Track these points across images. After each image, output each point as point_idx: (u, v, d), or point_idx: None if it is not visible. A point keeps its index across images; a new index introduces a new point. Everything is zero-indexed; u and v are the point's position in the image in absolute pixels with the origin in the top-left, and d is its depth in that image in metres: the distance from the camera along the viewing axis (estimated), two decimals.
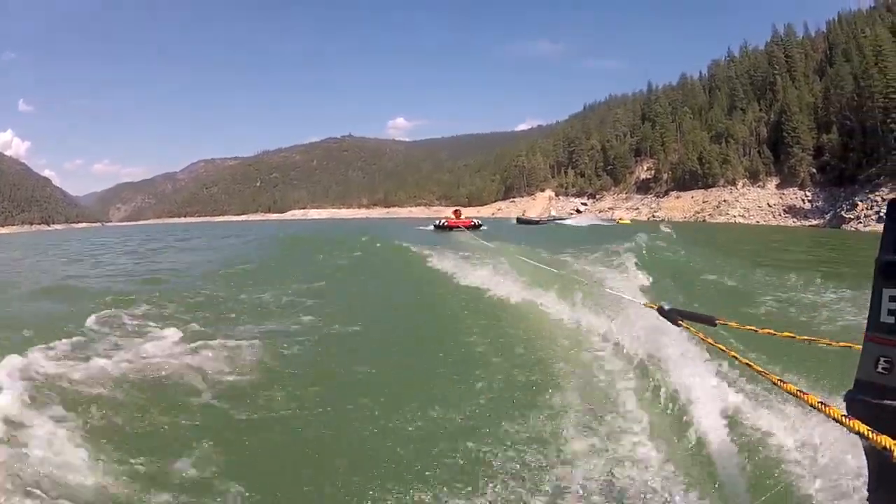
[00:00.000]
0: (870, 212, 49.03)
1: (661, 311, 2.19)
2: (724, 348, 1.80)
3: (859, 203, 51.49)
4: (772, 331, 1.97)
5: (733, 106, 79.20)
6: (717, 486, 2.87)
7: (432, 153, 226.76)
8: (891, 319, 1.01)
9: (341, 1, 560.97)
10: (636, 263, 10.20)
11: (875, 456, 1.00)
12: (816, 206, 59.38)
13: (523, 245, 14.97)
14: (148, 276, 12.58)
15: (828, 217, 55.43)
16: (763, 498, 2.63)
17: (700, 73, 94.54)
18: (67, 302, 8.29)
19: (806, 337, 2.02)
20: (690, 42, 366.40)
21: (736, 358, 1.69)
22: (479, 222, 32.38)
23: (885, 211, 1.00)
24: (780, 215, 62.67)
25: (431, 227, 31.32)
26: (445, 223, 30.66)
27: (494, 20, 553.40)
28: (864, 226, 47.91)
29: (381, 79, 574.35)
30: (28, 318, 6.98)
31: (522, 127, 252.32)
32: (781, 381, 1.36)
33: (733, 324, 2.06)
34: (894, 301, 1.01)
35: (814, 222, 56.85)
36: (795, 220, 60.03)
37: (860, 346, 1.09)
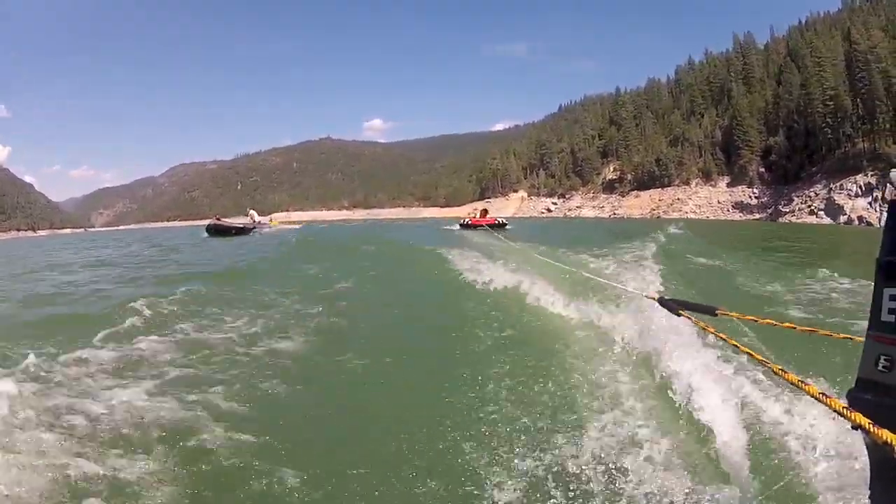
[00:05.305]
0: (803, 206, 54.09)
1: (661, 301, 2.21)
2: (725, 337, 1.75)
3: (795, 199, 56.41)
4: (772, 321, 1.97)
5: (692, 111, 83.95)
6: (719, 477, 2.86)
7: (410, 154, 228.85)
8: (891, 318, 1.01)
9: (316, 4, 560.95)
10: None
11: (876, 451, 1.00)
12: (762, 202, 64.15)
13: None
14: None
15: (769, 212, 60.07)
16: (766, 492, 2.63)
17: (668, 76, 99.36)
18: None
19: (806, 328, 2.01)
20: (675, 41, 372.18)
21: (737, 347, 1.65)
22: (505, 221, 34.33)
23: (818, 207, 2.03)
24: (728, 211, 67.33)
25: (457, 227, 33.34)
26: (469, 222, 33.02)
27: (470, 22, 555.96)
28: (798, 218, 52.93)
29: (356, 80, 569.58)
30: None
31: (499, 126, 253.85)
32: (783, 370, 1.33)
33: (734, 314, 2.03)
34: (895, 300, 1.01)
35: (757, 216, 61.76)
36: (742, 214, 64.76)
37: (861, 338, 1.09)
